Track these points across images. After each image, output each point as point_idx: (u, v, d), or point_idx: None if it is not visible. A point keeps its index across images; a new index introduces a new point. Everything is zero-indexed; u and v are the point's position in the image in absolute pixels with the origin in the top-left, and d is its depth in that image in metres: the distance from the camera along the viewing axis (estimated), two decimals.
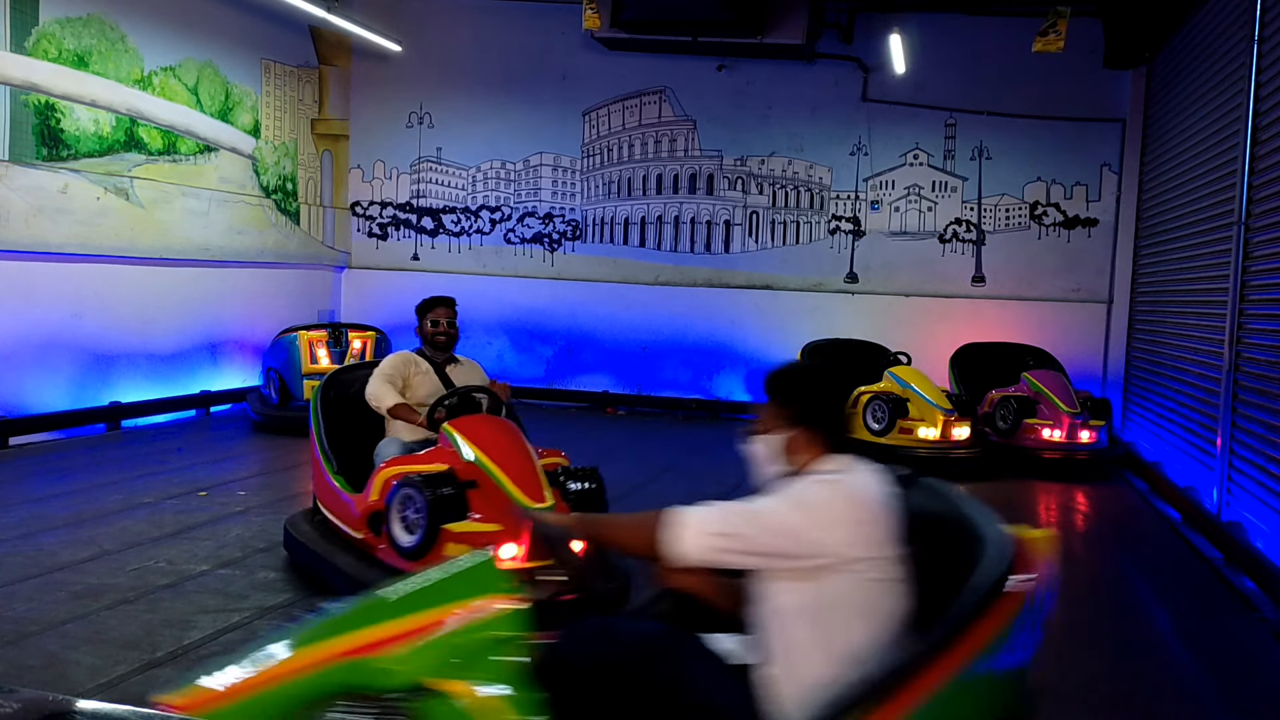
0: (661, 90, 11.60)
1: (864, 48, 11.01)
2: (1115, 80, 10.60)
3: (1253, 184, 6.76)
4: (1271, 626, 4.95)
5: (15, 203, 7.87)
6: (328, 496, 4.98)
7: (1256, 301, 6.59)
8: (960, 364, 9.79)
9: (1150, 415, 9.41)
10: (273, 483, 7.20)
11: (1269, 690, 4.28)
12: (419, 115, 12.07)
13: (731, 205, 11.58)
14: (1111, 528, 7.01)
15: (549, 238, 11.95)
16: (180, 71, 9.59)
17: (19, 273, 8.01)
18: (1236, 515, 6.51)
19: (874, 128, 11.22)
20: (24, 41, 7.90)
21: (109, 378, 8.85)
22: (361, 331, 9.63)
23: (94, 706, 1.59)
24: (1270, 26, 6.58)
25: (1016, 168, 11.03)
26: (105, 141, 8.74)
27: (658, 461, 8.52)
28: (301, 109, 11.49)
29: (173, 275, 9.63)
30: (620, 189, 11.79)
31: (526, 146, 11.93)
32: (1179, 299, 8.68)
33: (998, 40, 10.77)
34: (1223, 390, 6.89)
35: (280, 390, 9.40)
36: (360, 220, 12.31)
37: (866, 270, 11.35)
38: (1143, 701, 3.98)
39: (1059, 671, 4.19)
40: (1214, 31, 7.92)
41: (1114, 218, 10.80)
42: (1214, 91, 7.82)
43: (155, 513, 6.04)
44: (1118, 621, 5.07)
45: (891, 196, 11.28)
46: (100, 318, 8.80)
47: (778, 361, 2.61)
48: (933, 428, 8.41)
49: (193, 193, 9.79)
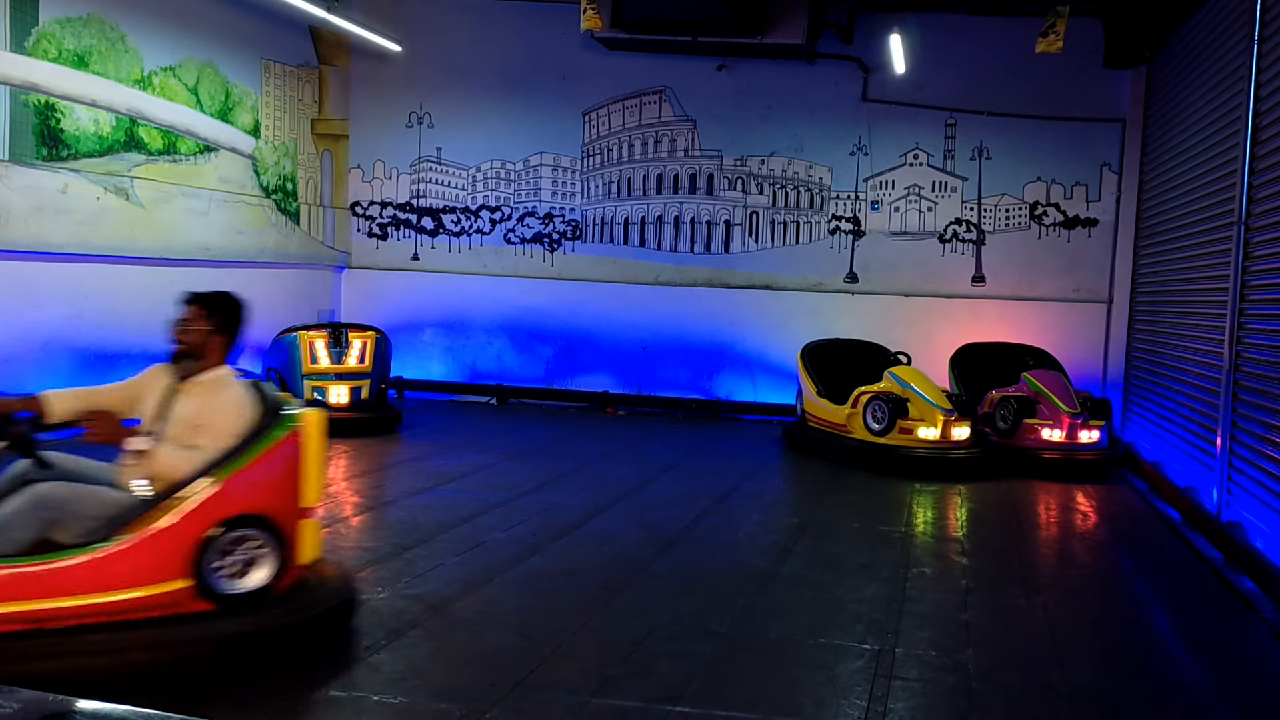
0: (661, 90, 11.60)
1: (864, 48, 11.01)
2: (1115, 80, 10.60)
3: (1253, 184, 6.76)
4: (1271, 626, 4.95)
5: (15, 203, 7.87)
6: None
7: (1256, 301, 6.59)
8: (960, 364, 9.79)
9: (1150, 415, 9.41)
10: None
11: (1269, 690, 4.28)
12: (419, 115, 12.07)
13: (731, 205, 11.58)
14: (1111, 528, 7.02)
15: (549, 238, 11.95)
16: (180, 71, 9.59)
17: (19, 273, 8.01)
18: (1236, 515, 6.52)
19: (874, 128, 11.22)
20: (24, 41, 7.90)
21: (109, 378, 8.81)
22: (362, 331, 9.64)
23: (94, 706, 1.59)
24: (1270, 26, 6.58)
25: (1016, 168, 11.03)
26: (105, 141, 8.74)
27: (658, 461, 8.52)
28: (301, 109, 11.49)
29: (173, 275, 9.62)
30: (620, 189, 11.79)
31: (526, 146, 11.93)
32: (1179, 299, 8.68)
33: (998, 40, 10.77)
34: (1223, 390, 6.89)
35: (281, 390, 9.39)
36: (360, 220, 12.31)
37: (866, 270, 11.35)
38: (1143, 701, 3.98)
39: (1059, 671, 4.20)
40: (1214, 31, 7.92)
41: (1114, 218, 10.80)
42: (1214, 91, 7.82)
43: None
44: (1118, 621, 5.08)
45: (891, 196, 11.28)
46: (100, 318, 8.80)
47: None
48: (933, 428, 8.41)
49: (193, 193, 9.79)
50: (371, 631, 4.26)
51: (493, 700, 3.63)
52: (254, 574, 3.85)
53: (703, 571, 5.44)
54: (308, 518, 4.09)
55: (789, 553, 5.84)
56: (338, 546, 5.62)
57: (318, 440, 4.13)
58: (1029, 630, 4.72)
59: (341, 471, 7.71)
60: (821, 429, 9.19)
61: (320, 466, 4.16)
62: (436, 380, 11.99)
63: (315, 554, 4.19)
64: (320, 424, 4.16)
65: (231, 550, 3.79)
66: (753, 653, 4.23)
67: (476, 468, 7.94)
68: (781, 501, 7.59)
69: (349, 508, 6.59)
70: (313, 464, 4.10)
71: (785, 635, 4.47)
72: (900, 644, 4.40)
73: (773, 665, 4.13)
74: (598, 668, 3.99)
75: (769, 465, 8.76)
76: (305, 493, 4.07)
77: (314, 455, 4.10)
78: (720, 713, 3.62)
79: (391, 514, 6.44)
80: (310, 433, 4.09)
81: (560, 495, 7.07)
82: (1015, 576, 5.61)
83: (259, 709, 3.49)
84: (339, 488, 7.18)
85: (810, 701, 3.78)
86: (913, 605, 4.96)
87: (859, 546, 6.04)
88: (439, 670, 3.93)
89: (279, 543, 3.88)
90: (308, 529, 4.08)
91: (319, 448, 4.13)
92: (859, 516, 6.93)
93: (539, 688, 3.77)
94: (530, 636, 4.29)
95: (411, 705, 3.58)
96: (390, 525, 6.15)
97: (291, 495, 4.03)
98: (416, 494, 6.98)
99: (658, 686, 3.84)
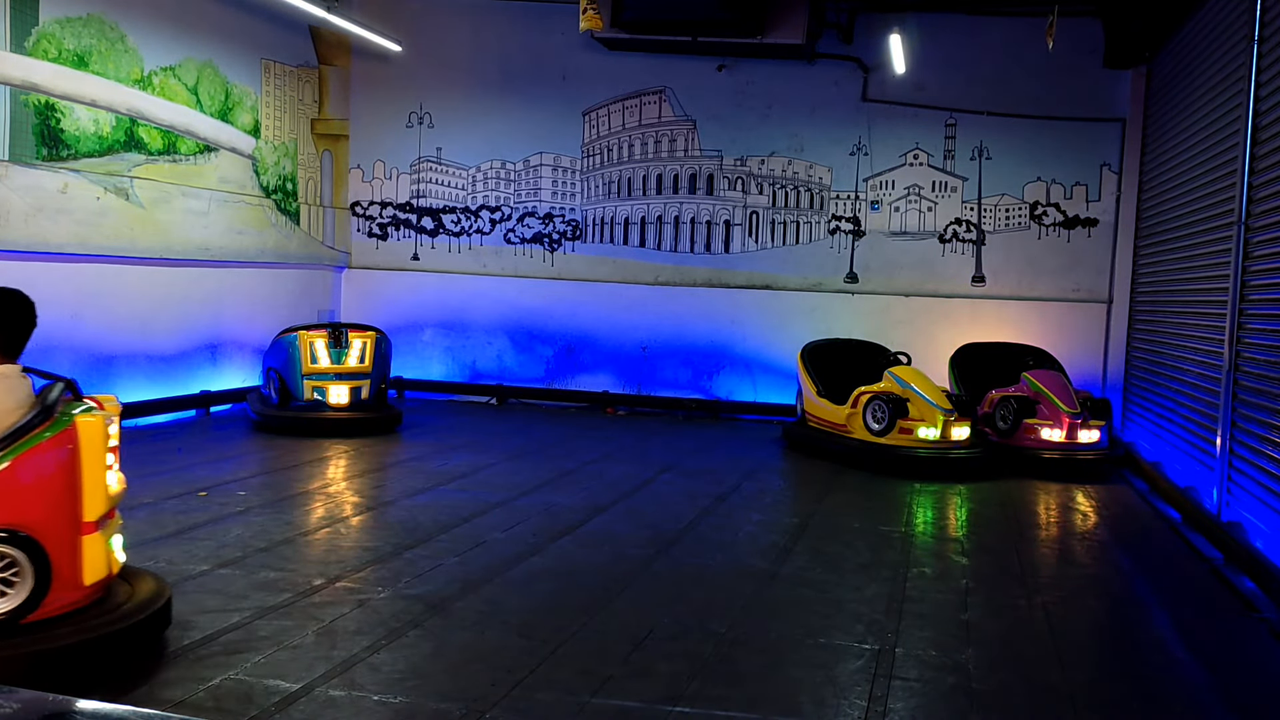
0: (661, 90, 11.60)
1: (864, 48, 11.01)
2: (1115, 80, 10.60)
3: (1253, 184, 6.76)
4: (1271, 626, 4.95)
5: (15, 203, 7.87)
6: None
7: (1256, 301, 6.59)
8: (960, 364, 9.79)
9: (1150, 415, 9.41)
10: (273, 482, 7.21)
11: (1269, 690, 4.28)
12: (419, 115, 12.07)
13: (731, 205, 11.58)
14: (1111, 528, 7.01)
15: (549, 238, 11.95)
16: (180, 71, 9.59)
17: (19, 273, 7.99)
18: (1236, 515, 6.52)
19: (874, 128, 11.22)
20: (24, 41, 7.90)
21: (109, 378, 8.85)
22: (362, 332, 9.63)
23: (94, 706, 1.58)
24: (1270, 26, 6.58)
25: (1016, 168, 11.03)
26: (105, 141, 8.74)
27: (658, 461, 8.52)
28: (301, 109, 11.49)
29: (173, 275, 9.63)
30: (620, 189, 11.79)
31: (526, 146, 11.93)
32: (1179, 299, 8.68)
33: (998, 40, 10.77)
34: (1223, 390, 6.89)
35: (280, 390, 9.41)
36: (360, 220, 12.31)
37: (866, 270, 11.35)
38: (1142, 701, 3.98)
39: (1059, 671, 4.20)
40: (1214, 31, 7.92)
41: (1114, 218, 10.80)
42: (1214, 91, 7.82)
43: (155, 513, 6.04)
44: (1118, 621, 5.08)
45: (891, 196, 11.28)
46: (100, 318, 8.80)
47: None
48: (933, 428, 8.41)
49: (193, 193, 9.79)
50: (371, 631, 4.26)
51: (493, 700, 3.63)
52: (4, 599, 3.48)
53: (703, 571, 5.44)
54: (90, 533, 3.69)
55: (789, 553, 5.84)
56: (338, 546, 5.63)
57: (97, 446, 3.72)
58: (1029, 630, 4.72)
59: (342, 471, 7.71)
60: (821, 429, 9.19)
61: (101, 475, 3.75)
62: (436, 380, 11.99)
63: (103, 573, 3.79)
64: (99, 429, 3.75)
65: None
66: (753, 653, 4.23)
67: (476, 468, 7.94)
68: (781, 501, 7.59)
69: (349, 508, 6.60)
70: (93, 472, 3.69)
71: (785, 635, 4.47)
72: (900, 644, 4.40)
73: (773, 665, 4.13)
74: (598, 668, 3.99)
75: (769, 465, 8.76)
76: (85, 505, 3.67)
77: (93, 462, 3.70)
78: (720, 713, 3.62)
79: (391, 514, 6.44)
80: (89, 437, 3.69)
81: (560, 495, 7.07)
82: (1015, 576, 5.61)
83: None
84: (339, 488, 7.18)
85: (810, 701, 3.78)
86: (913, 605, 4.96)
87: (859, 546, 6.04)
88: (439, 670, 3.93)
89: (38, 562, 3.49)
90: (90, 546, 3.68)
91: (98, 454, 3.73)
92: (859, 516, 6.93)
93: (539, 688, 3.77)
94: (530, 636, 4.29)
95: (411, 705, 3.58)
96: (390, 525, 6.15)
97: (62, 507, 3.62)
98: (416, 494, 6.97)
99: (658, 686, 3.83)
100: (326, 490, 7.06)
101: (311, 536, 5.79)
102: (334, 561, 5.28)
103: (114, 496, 3.89)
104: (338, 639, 4.16)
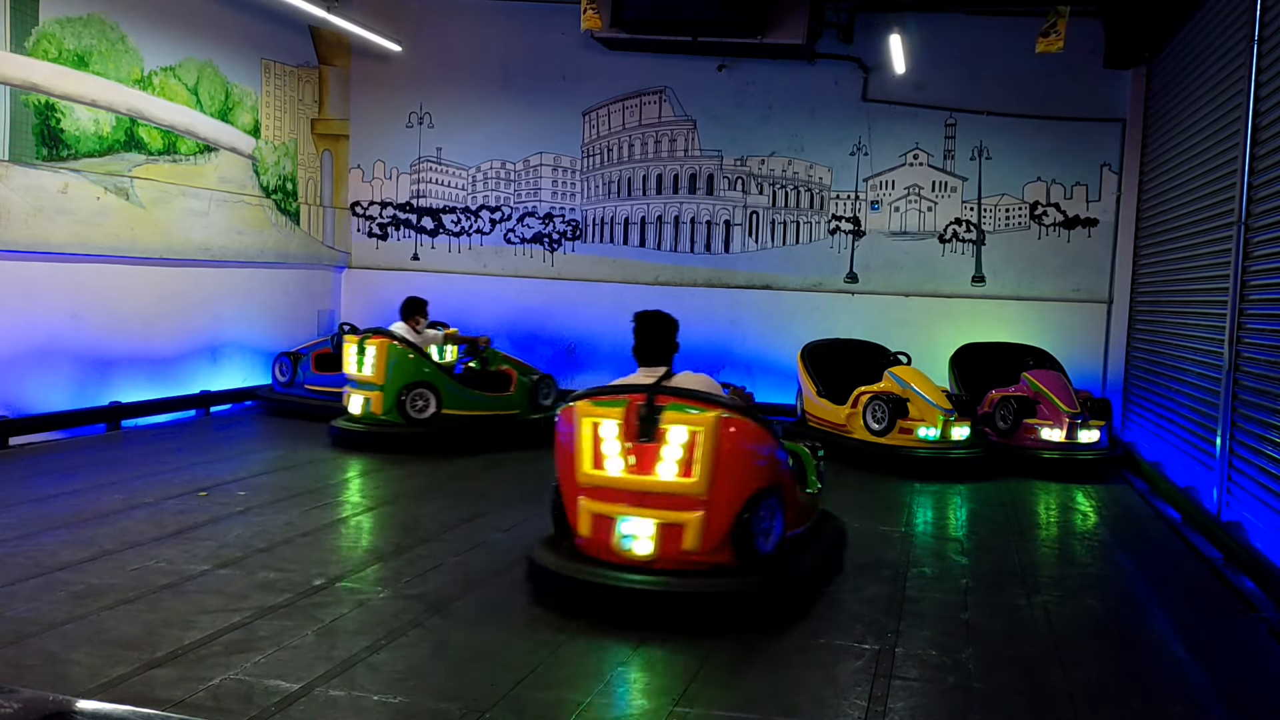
0: (661, 90, 11.60)
1: (864, 48, 11.01)
2: (1115, 80, 10.60)
3: (1253, 184, 6.76)
4: (1271, 626, 4.95)
5: (15, 203, 7.87)
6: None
7: (1256, 301, 6.59)
8: (960, 364, 9.78)
9: (1150, 415, 9.41)
10: (273, 482, 7.20)
11: (1269, 690, 4.28)
12: (419, 115, 12.07)
13: (731, 205, 11.58)
14: (1111, 528, 7.01)
15: (549, 238, 11.95)
16: (180, 71, 9.59)
17: (19, 273, 8.01)
18: (1236, 515, 6.52)
19: (874, 128, 11.22)
20: (24, 41, 7.90)
21: (109, 378, 8.85)
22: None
23: (94, 706, 1.59)
24: (1270, 27, 6.58)
25: (1016, 168, 11.03)
26: (105, 141, 8.74)
27: None
28: (301, 109, 11.49)
29: (173, 275, 9.63)
30: (620, 189, 11.79)
31: (526, 146, 11.92)
32: (1179, 299, 8.68)
33: (998, 40, 10.77)
34: (1222, 390, 6.89)
35: (290, 369, 9.93)
36: (360, 220, 12.31)
37: (866, 270, 11.35)
38: (1142, 701, 3.98)
39: (1059, 671, 4.19)
40: (1214, 31, 7.92)
41: (1114, 218, 10.80)
42: (1214, 91, 7.82)
43: (155, 513, 6.04)
44: (1118, 621, 5.07)
45: (891, 196, 11.28)
46: (100, 318, 8.80)
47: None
48: (933, 428, 8.41)
49: (193, 193, 9.79)
50: (371, 631, 4.26)
51: (492, 700, 3.63)
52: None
53: None
54: None
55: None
56: (338, 546, 5.63)
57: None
58: (1029, 630, 4.72)
59: (342, 472, 7.71)
60: (821, 429, 9.18)
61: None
62: None
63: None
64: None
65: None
66: (753, 653, 4.23)
67: (477, 467, 7.93)
68: None
69: (349, 508, 6.59)
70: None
71: (785, 635, 4.47)
72: (900, 644, 4.40)
73: (773, 665, 4.13)
74: (598, 668, 3.99)
75: None
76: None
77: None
78: (720, 713, 3.62)
79: (392, 514, 6.44)
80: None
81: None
82: (1015, 576, 5.61)
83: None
84: (340, 488, 7.18)
85: (810, 701, 3.78)
86: (913, 605, 4.96)
87: (859, 546, 6.04)
88: (439, 670, 3.93)
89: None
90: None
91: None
92: (859, 516, 6.92)
93: (539, 687, 3.77)
94: (530, 636, 4.29)
95: (411, 705, 3.58)
96: (390, 525, 6.15)
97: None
98: (417, 494, 6.97)
99: (657, 686, 3.83)
100: (326, 490, 7.05)
101: (311, 536, 5.78)
102: (334, 561, 5.28)
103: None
104: (338, 639, 4.16)
